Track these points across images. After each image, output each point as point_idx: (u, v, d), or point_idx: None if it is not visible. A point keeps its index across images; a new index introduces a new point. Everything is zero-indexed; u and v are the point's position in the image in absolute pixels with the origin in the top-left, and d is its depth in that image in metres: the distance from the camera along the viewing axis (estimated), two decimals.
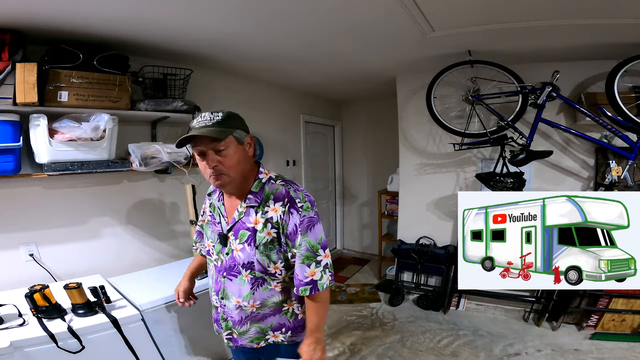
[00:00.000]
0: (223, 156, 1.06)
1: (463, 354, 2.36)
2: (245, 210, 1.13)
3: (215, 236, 1.21)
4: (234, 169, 1.08)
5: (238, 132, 1.09)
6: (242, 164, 1.10)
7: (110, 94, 1.90)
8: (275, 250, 1.12)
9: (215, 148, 1.05)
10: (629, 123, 2.10)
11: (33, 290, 1.45)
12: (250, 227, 1.11)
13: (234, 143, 1.08)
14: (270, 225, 1.10)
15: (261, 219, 1.10)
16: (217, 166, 1.06)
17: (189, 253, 2.52)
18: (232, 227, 1.15)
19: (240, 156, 1.09)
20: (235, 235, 1.14)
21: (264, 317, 1.18)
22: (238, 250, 1.13)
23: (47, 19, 1.62)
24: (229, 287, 1.17)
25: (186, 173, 2.30)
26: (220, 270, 1.19)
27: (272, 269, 1.14)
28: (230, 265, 1.16)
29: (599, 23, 1.84)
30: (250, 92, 3.09)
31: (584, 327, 2.57)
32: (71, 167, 1.82)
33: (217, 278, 1.20)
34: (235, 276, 1.15)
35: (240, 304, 1.16)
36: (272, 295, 1.16)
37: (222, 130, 1.05)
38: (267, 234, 1.10)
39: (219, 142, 1.04)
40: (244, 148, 1.11)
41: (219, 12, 1.72)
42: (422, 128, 3.02)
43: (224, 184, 1.10)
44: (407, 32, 2.02)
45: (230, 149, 1.07)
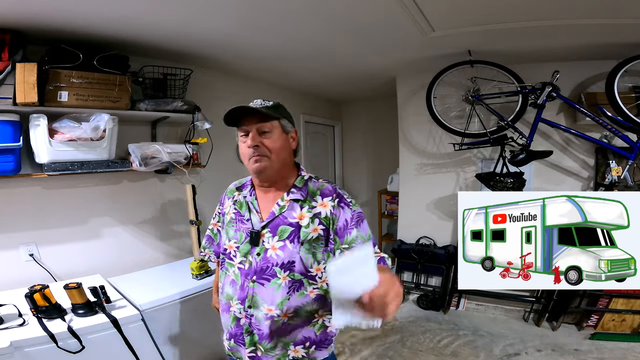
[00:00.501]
0: (267, 138, 1.02)
1: (463, 354, 2.36)
2: (289, 204, 1.06)
3: (241, 235, 1.09)
4: (276, 152, 1.03)
5: (285, 121, 1.06)
6: (283, 152, 1.05)
7: (110, 94, 1.90)
8: (321, 249, 1.04)
9: (260, 129, 1.02)
10: (629, 123, 2.10)
11: (33, 290, 1.45)
12: (293, 222, 1.04)
13: (280, 129, 1.05)
14: (318, 221, 1.03)
15: (307, 214, 1.03)
16: (259, 147, 1.01)
17: (189, 253, 2.52)
18: (268, 223, 1.06)
19: (284, 144, 1.05)
20: (273, 231, 1.05)
21: (292, 330, 1.07)
22: (276, 249, 1.04)
23: (47, 19, 1.62)
24: (260, 293, 1.05)
25: (186, 173, 2.30)
26: (248, 274, 1.06)
27: (314, 270, 1.05)
28: (262, 267, 1.04)
29: (599, 23, 1.84)
30: (250, 92, 3.08)
31: (584, 327, 2.57)
32: (71, 167, 1.82)
33: (244, 283, 1.07)
34: (268, 280, 1.04)
35: (272, 313, 1.04)
36: (307, 302, 1.06)
37: (269, 112, 1.02)
38: (313, 230, 1.03)
39: (264, 123, 1.01)
40: (287, 138, 1.07)
41: (219, 13, 1.72)
42: (422, 128, 3.02)
43: (263, 167, 1.03)
44: (407, 32, 2.02)
45: (275, 133, 1.03)
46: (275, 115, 1.03)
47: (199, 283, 2.03)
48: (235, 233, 1.11)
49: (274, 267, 1.04)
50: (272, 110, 1.03)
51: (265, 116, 1.02)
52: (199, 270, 2.08)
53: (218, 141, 2.59)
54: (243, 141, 1.05)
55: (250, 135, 1.02)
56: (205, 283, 2.05)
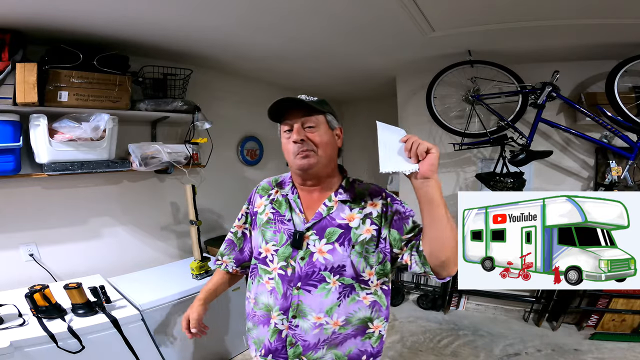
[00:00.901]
0: (312, 132, 0.96)
1: (463, 354, 2.36)
2: (337, 205, 0.99)
3: (282, 237, 1.00)
4: (322, 148, 0.96)
5: (330, 117, 1.01)
6: (330, 148, 0.99)
7: (110, 94, 1.90)
8: (374, 251, 0.97)
9: (306, 122, 0.96)
10: (629, 123, 2.10)
11: (33, 290, 1.45)
12: (342, 224, 0.97)
13: (325, 125, 0.99)
14: (370, 222, 0.97)
15: (358, 215, 0.98)
16: (305, 141, 0.95)
17: (188, 253, 2.52)
18: (314, 225, 0.98)
19: (330, 140, 0.99)
20: (320, 234, 0.97)
21: (344, 340, 0.98)
22: (324, 252, 0.96)
23: (47, 19, 1.62)
24: (307, 301, 0.96)
25: (186, 173, 2.30)
26: (292, 281, 0.97)
27: (367, 275, 0.97)
28: (307, 272, 0.96)
29: (599, 23, 1.84)
30: (250, 92, 3.08)
31: (584, 327, 2.57)
32: (71, 167, 1.82)
33: (286, 291, 0.97)
34: (315, 286, 0.95)
35: (321, 321, 0.95)
36: (360, 309, 0.97)
37: (315, 106, 0.96)
38: (366, 231, 0.96)
39: (309, 117, 0.96)
40: (333, 135, 1.01)
41: (218, 13, 1.72)
42: (422, 128, 3.02)
43: (311, 163, 0.95)
44: (407, 32, 2.02)
45: (321, 128, 0.97)
46: (321, 109, 0.98)
47: (199, 283, 2.03)
48: (274, 235, 1.01)
49: (321, 271, 0.95)
50: (318, 104, 0.98)
51: (311, 110, 0.96)
52: (199, 270, 2.08)
53: (218, 141, 2.59)
54: (287, 137, 0.98)
55: (295, 128, 0.96)
56: (205, 283, 2.05)
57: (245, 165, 3.13)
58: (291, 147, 0.96)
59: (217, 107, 2.70)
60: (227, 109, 2.86)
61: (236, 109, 2.97)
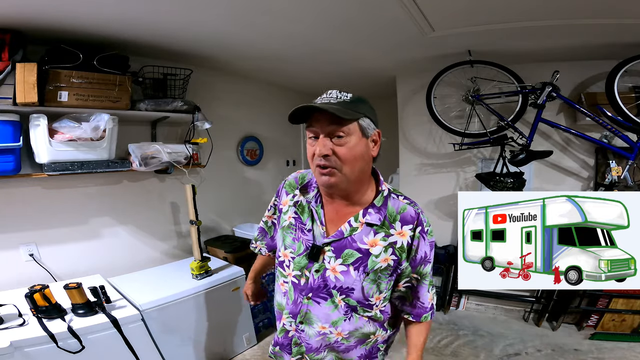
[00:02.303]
0: (340, 145, 0.83)
1: (463, 354, 2.36)
2: (362, 227, 0.90)
3: (300, 246, 0.96)
4: (350, 164, 0.84)
5: (366, 121, 0.86)
6: (360, 162, 0.86)
7: (110, 94, 1.90)
8: (387, 280, 0.93)
9: (334, 132, 0.82)
10: (629, 123, 2.10)
11: (33, 290, 1.45)
12: (363, 248, 0.90)
13: (358, 133, 0.85)
14: (391, 251, 0.90)
15: (381, 242, 0.90)
16: (330, 156, 0.83)
17: (188, 253, 2.53)
18: (332, 242, 0.92)
19: (362, 151, 0.86)
20: (337, 253, 0.91)
21: (347, 350, 0.99)
22: (337, 272, 0.91)
23: (47, 19, 1.62)
24: (315, 311, 0.95)
25: (186, 173, 2.30)
26: (303, 290, 0.96)
27: (374, 300, 0.94)
28: (319, 285, 0.94)
29: (599, 23, 1.84)
30: (250, 92, 3.09)
31: (584, 327, 2.57)
32: (71, 167, 1.82)
33: (297, 299, 0.97)
34: (324, 299, 0.94)
35: (325, 331, 0.96)
36: (364, 325, 0.97)
37: (346, 111, 0.81)
38: (384, 260, 0.90)
39: (339, 126, 0.81)
40: (367, 143, 0.87)
41: (218, 12, 1.72)
42: (422, 128, 3.02)
43: (333, 182, 0.86)
44: (407, 32, 2.02)
45: (352, 139, 0.83)
46: (354, 116, 0.83)
47: (199, 283, 2.03)
48: (293, 242, 0.97)
49: (331, 288, 0.93)
50: (351, 107, 0.83)
51: (340, 117, 0.81)
52: (199, 270, 2.08)
53: (218, 141, 2.59)
54: (311, 144, 0.86)
55: (319, 140, 0.84)
56: (205, 283, 2.05)
57: (245, 165, 3.13)
58: (313, 159, 0.86)
59: (217, 107, 2.70)
60: (227, 109, 2.86)
61: (236, 109, 2.97)
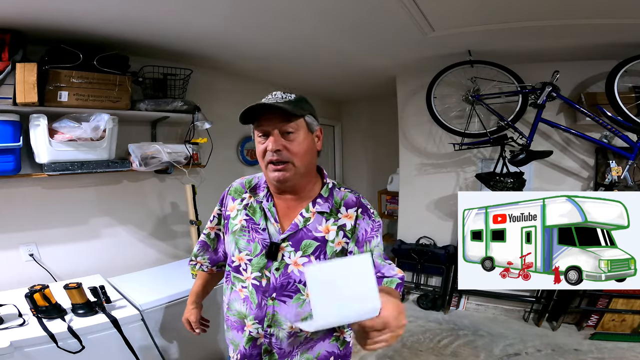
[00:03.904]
0: (290, 140, 0.88)
1: (463, 354, 2.36)
2: (314, 216, 0.95)
3: (256, 247, 0.96)
4: (300, 157, 0.89)
5: (310, 118, 0.92)
6: (308, 156, 0.92)
7: (110, 94, 1.90)
8: None
9: (283, 129, 0.87)
10: (629, 123, 2.10)
11: (33, 290, 1.45)
12: (319, 236, 0.94)
13: (305, 129, 0.90)
14: (342, 234, 0.95)
15: (333, 227, 0.94)
16: (282, 151, 0.87)
17: (188, 253, 2.52)
18: (289, 236, 0.94)
19: (309, 145, 0.92)
20: (296, 246, 0.93)
21: (314, 345, 0.99)
22: (299, 265, 0.93)
23: (47, 19, 1.62)
24: (282, 311, 0.94)
25: (186, 173, 2.30)
26: (267, 291, 0.94)
27: None
28: (282, 283, 0.93)
29: (599, 23, 1.84)
30: (250, 92, 3.08)
31: (584, 327, 2.57)
32: (71, 167, 1.82)
33: (261, 302, 0.95)
34: (290, 296, 0.93)
35: (295, 329, 0.96)
36: None
37: (294, 109, 0.86)
38: (337, 243, 0.94)
39: (288, 123, 0.87)
40: (312, 138, 0.94)
41: (218, 12, 1.72)
42: (422, 128, 3.02)
43: (286, 177, 0.89)
44: (407, 32, 2.02)
45: (300, 134, 0.89)
46: (301, 113, 0.88)
47: None
48: (248, 244, 0.97)
49: (296, 283, 0.93)
50: (296, 105, 0.88)
51: (289, 114, 0.86)
52: None
53: (218, 141, 2.59)
54: (261, 142, 0.90)
55: (271, 137, 0.87)
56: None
57: (245, 165, 3.13)
58: (265, 155, 0.89)
59: (217, 107, 2.70)
60: (227, 109, 2.86)
61: (236, 109, 2.91)
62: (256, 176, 1.07)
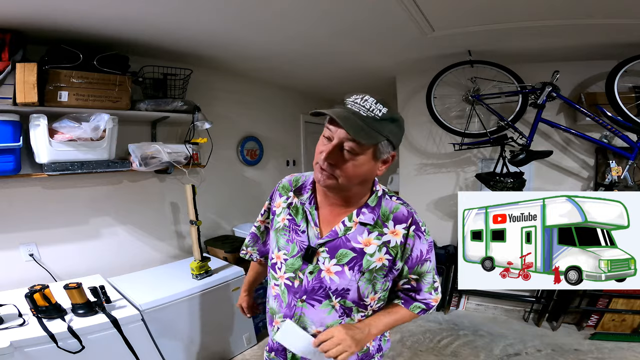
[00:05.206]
0: (347, 160, 0.82)
1: (463, 354, 2.36)
2: (356, 227, 0.91)
3: (294, 248, 0.95)
4: (349, 179, 0.84)
5: (383, 145, 0.83)
6: (360, 179, 0.87)
7: (110, 94, 1.90)
8: (382, 280, 0.93)
9: (345, 144, 0.81)
10: (629, 123, 2.10)
11: (33, 290, 1.45)
12: (357, 247, 0.90)
13: (370, 155, 0.83)
14: (385, 250, 0.90)
15: (375, 241, 0.90)
16: (333, 165, 0.83)
17: (188, 253, 2.53)
18: (327, 242, 0.92)
19: (366, 171, 0.85)
20: (332, 253, 0.91)
21: None
22: (332, 273, 0.91)
23: (47, 19, 1.62)
24: (309, 314, 0.94)
25: (186, 173, 2.30)
26: (297, 293, 0.95)
27: (369, 300, 0.94)
28: (314, 287, 0.93)
29: (599, 23, 1.84)
30: (250, 92, 3.09)
31: (584, 327, 2.57)
32: (71, 167, 1.82)
33: (291, 302, 0.96)
34: (319, 301, 0.93)
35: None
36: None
37: (369, 133, 0.79)
38: (378, 259, 0.90)
39: (353, 141, 0.80)
40: (375, 164, 0.86)
41: (218, 12, 1.72)
42: (422, 128, 3.02)
43: (327, 184, 0.86)
44: (407, 32, 2.02)
45: (361, 159, 0.82)
46: (373, 141, 0.80)
47: (199, 283, 2.03)
48: (287, 244, 0.96)
49: (327, 290, 0.92)
50: (377, 126, 0.80)
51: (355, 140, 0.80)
52: (199, 270, 2.08)
53: (218, 141, 2.59)
54: (323, 142, 0.86)
55: (331, 145, 0.82)
56: (205, 283, 2.05)
57: (245, 165, 3.13)
58: (319, 155, 0.85)
59: (217, 107, 2.71)
60: (227, 109, 2.86)
61: (236, 109, 2.97)
62: (304, 174, 1.05)
